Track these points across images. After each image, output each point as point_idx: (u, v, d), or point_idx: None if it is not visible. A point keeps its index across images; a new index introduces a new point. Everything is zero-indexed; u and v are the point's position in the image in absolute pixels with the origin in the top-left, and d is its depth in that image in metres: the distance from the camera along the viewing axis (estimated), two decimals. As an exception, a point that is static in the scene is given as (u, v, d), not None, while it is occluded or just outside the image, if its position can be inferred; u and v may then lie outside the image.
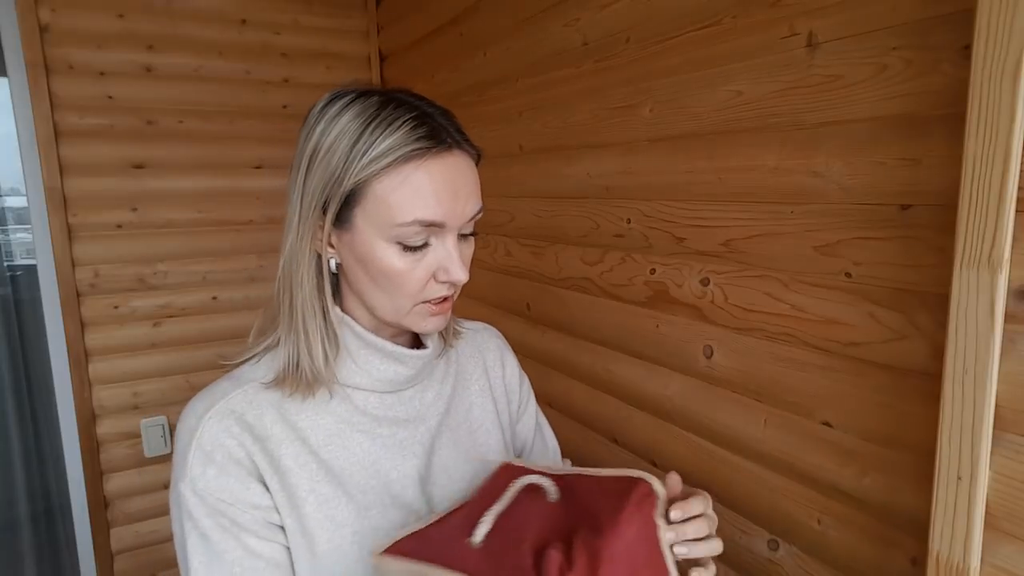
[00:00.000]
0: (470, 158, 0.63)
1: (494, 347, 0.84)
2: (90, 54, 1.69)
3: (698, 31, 0.90)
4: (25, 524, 2.28)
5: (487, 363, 0.82)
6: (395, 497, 0.66)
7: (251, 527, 0.59)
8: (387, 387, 0.68)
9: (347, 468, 0.64)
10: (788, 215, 0.80)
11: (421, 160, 0.58)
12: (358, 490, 0.64)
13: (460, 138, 0.61)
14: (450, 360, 0.77)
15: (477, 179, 0.64)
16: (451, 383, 0.76)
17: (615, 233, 1.11)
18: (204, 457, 0.60)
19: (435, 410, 0.72)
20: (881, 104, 0.68)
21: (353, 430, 0.65)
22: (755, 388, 0.87)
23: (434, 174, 0.59)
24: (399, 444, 0.68)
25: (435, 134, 0.59)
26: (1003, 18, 0.52)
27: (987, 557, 0.58)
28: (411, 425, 0.69)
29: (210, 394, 0.64)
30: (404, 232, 0.59)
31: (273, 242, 1.97)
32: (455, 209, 0.60)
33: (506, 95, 1.39)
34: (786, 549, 0.84)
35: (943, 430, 0.59)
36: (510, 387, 0.84)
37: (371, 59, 2.05)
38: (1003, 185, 0.53)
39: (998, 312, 0.55)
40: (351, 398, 0.66)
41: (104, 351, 1.79)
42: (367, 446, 0.66)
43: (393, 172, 0.58)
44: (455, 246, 0.61)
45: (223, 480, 0.59)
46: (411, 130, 0.58)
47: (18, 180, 1.77)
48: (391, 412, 0.68)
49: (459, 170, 0.61)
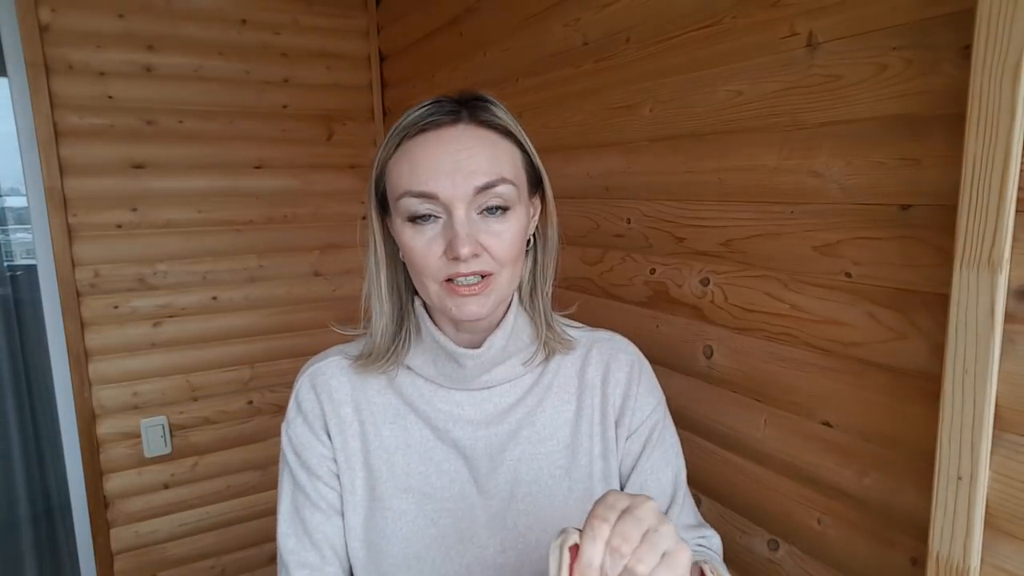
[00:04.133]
0: (486, 131, 0.62)
1: (624, 362, 0.74)
2: (90, 54, 1.69)
3: (698, 31, 0.90)
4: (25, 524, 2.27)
5: (609, 377, 0.73)
6: (436, 489, 0.67)
7: (317, 471, 0.68)
8: (449, 383, 0.69)
9: (399, 447, 0.68)
10: (788, 215, 0.80)
11: (418, 135, 0.61)
12: (401, 471, 0.68)
13: (475, 113, 0.62)
14: (550, 370, 0.72)
15: (493, 151, 0.62)
16: (542, 394, 0.71)
17: (615, 233, 1.11)
18: (296, 408, 0.70)
19: (511, 417, 0.69)
20: (881, 104, 0.68)
21: (411, 414, 0.69)
22: (755, 388, 0.87)
23: (428, 146, 0.60)
24: (454, 441, 0.68)
25: (438, 111, 0.60)
26: (1003, 18, 0.52)
27: (987, 557, 0.58)
28: (475, 426, 0.68)
29: (315, 358, 0.73)
30: (405, 205, 0.61)
31: (273, 242, 1.98)
32: (449, 179, 0.59)
33: (506, 95, 1.39)
34: (786, 549, 0.84)
35: (943, 430, 0.59)
36: (628, 410, 0.73)
37: (371, 59, 2.05)
38: (1003, 185, 0.53)
39: (998, 312, 0.55)
40: (417, 385, 0.70)
41: (104, 351, 1.79)
42: (418, 435, 0.68)
43: (398, 151, 0.62)
44: (461, 220, 0.60)
45: (303, 429, 0.69)
46: (421, 114, 0.61)
47: (18, 180, 1.77)
48: (456, 409, 0.69)
49: (459, 142, 0.60)
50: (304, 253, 2.04)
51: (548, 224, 0.71)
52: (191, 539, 1.95)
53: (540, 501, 0.67)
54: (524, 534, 0.66)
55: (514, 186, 0.62)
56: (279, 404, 2.04)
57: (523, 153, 0.66)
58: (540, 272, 0.72)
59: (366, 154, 2.08)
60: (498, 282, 0.63)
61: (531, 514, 0.67)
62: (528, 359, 0.71)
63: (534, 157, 0.67)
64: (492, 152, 0.62)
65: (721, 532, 0.94)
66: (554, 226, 0.71)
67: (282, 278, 2.01)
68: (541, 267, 0.72)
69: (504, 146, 0.63)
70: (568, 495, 0.68)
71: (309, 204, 2.02)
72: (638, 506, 0.44)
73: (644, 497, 0.45)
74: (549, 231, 0.71)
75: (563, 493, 0.68)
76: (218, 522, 1.98)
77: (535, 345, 0.71)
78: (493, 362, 0.68)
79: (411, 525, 0.66)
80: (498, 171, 0.61)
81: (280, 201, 1.98)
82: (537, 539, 0.66)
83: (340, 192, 2.06)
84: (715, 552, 0.74)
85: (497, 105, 0.64)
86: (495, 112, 0.63)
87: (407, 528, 0.66)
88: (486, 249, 0.61)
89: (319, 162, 2.01)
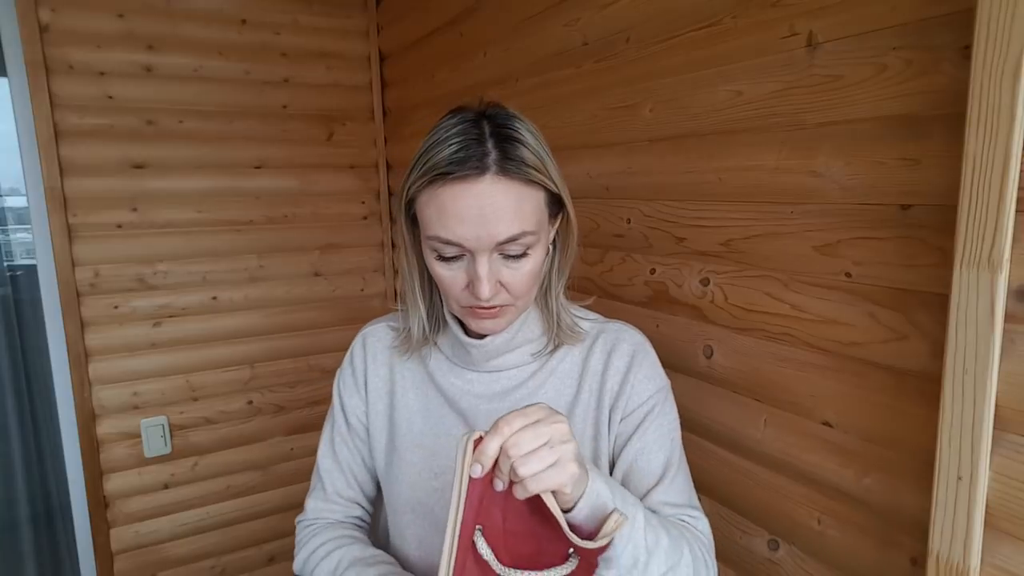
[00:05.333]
0: (511, 182, 0.65)
1: (626, 351, 0.77)
2: (90, 54, 1.69)
3: (698, 31, 0.90)
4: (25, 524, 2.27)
5: (610, 364, 0.77)
6: (443, 448, 0.77)
7: (350, 419, 0.84)
8: (463, 364, 0.79)
9: (419, 410, 0.80)
10: (788, 215, 0.80)
11: (445, 183, 0.64)
12: (417, 430, 0.79)
13: (501, 164, 0.64)
14: (556, 358, 0.78)
15: (517, 205, 0.65)
16: (545, 378, 0.77)
17: (615, 233, 1.11)
18: (349, 360, 0.86)
19: (513, 396, 0.77)
20: (881, 104, 0.68)
21: (431, 385, 0.80)
22: (755, 388, 0.87)
23: (456, 198, 0.64)
24: (461, 410, 0.78)
25: (467, 160, 0.63)
26: (1003, 18, 0.52)
27: (987, 557, 0.58)
28: (480, 400, 0.78)
29: (372, 321, 0.88)
30: (433, 244, 0.68)
31: (273, 242, 1.98)
32: (475, 233, 0.64)
33: (506, 95, 1.39)
34: (786, 549, 0.84)
35: (943, 430, 0.59)
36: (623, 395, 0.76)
37: (371, 59, 2.05)
38: (1003, 185, 0.53)
39: (998, 312, 0.55)
40: (439, 362, 0.81)
41: (104, 351, 1.79)
42: (435, 402, 0.80)
43: (427, 190, 0.66)
44: (484, 265, 0.66)
45: (350, 381, 0.85)
46: (452, 153, 0.63)
47: (18, 180, 1.77)
48: (467, 386, 0.79)
49: (485, 196, 0.64)
50: (304, 253, 2.04)
51: (569, 233, 0.75)
52: (191, 539, 1.95)
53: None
54: None
55: (534, 234, 0.67)
56: (279, 404, 2.04)
57: (546, 192, 0.69)
58: (556, 274, 0.77)
59: (366, 154, 2.08)
60: (513, 309, 0.72)
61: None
62: (537, 350, 0.78)
63: (556, 187, 0.69)
64: (516, 205, 0.65)
65: (721, 532, 0.94)
66: (574, 235, 0.75)
67: (282, 278, 2.01)
68: (558, 270, 0.77)
69: (528, 195, 0.66)
70: None
71: (309, 204, 2.02)
72: (545, 421, 0.52)
73: (558, 416, 0.53)
74: (569, 239, 0.76)
75: None
76: (218, 522, 1.98)
77: (545, 337, 0.78)
78: (497, 352, 0.76)
79: (418, 475, 0.78)
80: (520, 225, 0.65)
81: (280, 201, 1.98)
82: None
83: (340, 192, 2.06)
84: (700, 532, 0.73)
85: (524, 141, 0.66)
86: (523, 155, 0.65)
87: (414, 476, 0.78)
88: (505, 286, 0.69)
89: (319, 162, 2.01)
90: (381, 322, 0.86)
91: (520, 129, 0.67)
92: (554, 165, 0.70)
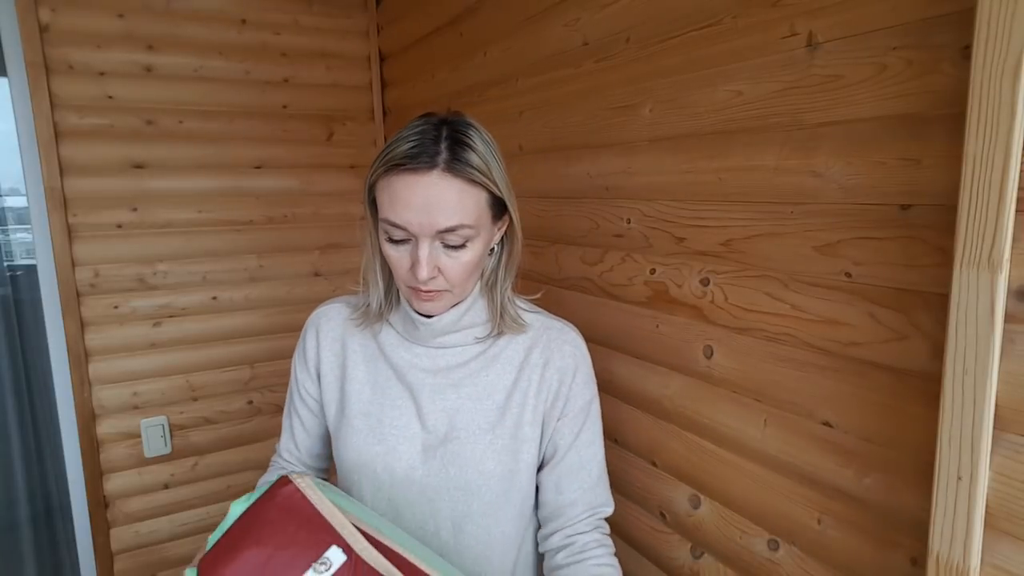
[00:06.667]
0: (456, 179, 0.73)
1: (568, 354, 0.87)
2: (90, 54, 1.69)
3: (698, 31, 0.90)
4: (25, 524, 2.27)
5: (551, 363, 0.86)
6: (388, 417, 0.85)
7: (304, 397, 0.94)
8: (412, 339, 0.87)
9: (367, 382, 0.88)
10: (788, 215, 0.80)
11: (399, 172, 0.73)
12: (366, 399, 0.87)
13: (449, 163, 0.72)
14: (499, 344, 0.87)
15: (459, 200, 0.73)
16: (488, 363, 0.86)
17: (615, 233, 1.11)
18: (302, 346, 0.94)
19: (456, 374, 0.86)
20: (881, 104, 0.68)
21: (381, 359, 0.88)
22: (755, 388, 0.87)
23: (406, 186, 0.73)
24: (408, 383, 0.86)
25: (420, 155, 0.72)
26: (1003, 18, 0.52)
27: (987, 557, 0.58)
28: (426, 374, 0.86)
29: (324, 302, 0.96)
30: (384, 227, 0.77)
31: (273, 242, 1.98)
32: (418, 219, 0.73)
33: (506, 95, 1.39)
34: (786, 549, 0.84)
35: (943, 430, 0.59)
36: (562, 396, 0.87)
37: (371, 59, 2.05)
38: (1003, 185, 0.53)
39: (998, 312, 0.55)
40: (390, 337, 0.89)
41: (104, 351, 1.79)
42: (384, 375, 0.87)
43: (384, 177, 0.75)
44: (424, 249, 0.74)
45: (301, 364, 0.94)
46: (409, 148, 0.72)
47: (18, 180, 1.77)
48: (415, 360, 0.87)
49: (432, 187, 0.72)
50: (304, 253, 2.04)
51: (514, 236, 0.85)
52: (191, 539, 1.95)
53: (465, 444, 0.83)
54: (446, 466, 0.83)
55: (472, 228, 0.75)
56: (279, 404, 2.04)
57: (488, 193, 0.77)
58: (502, 271, 0.86)
59: (366, 154, 2.08)
60: (449, 296, 0.81)
61: (456, 453, 0.83)
62: (482, 335, 0.87)
63: (500, 191, 0.78)
64: (458, 199, 0.73)
65: (721, 532, 0.94)
66: (519, 239, 0.85)
67: (282, 278, 2.01)
68: (504, 267, 0.86)
69: (470, 192, 0.74)
70: (488, 446, 0.83)
71: (309, 204, 2.02)
72: None
73: None
74: (515, 241, 0.85)
75: (484, 443, 0.83)
76: (218, 522, 1.98)
77: (490, 324, 0.87)
78: (444, 330, 0.85)
79: (363, 440, 0.86)
80: (459, 218, 0.74)
81: (280, 201, 1.98)
82: (456, 472, 0.82)
83: (340, 192, 2.06)
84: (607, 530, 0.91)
85: (474, 146, 0.74)
86: (469, 158, 0.74)
87: (360, 441, 0.86)
88: (442, 271, 0.77)
89: (319, 162, 2.01)
90: (334, 302, 0.94)
91: (473, 136, 0.75)
92: (500, 172, 0.78)
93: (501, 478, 0.83)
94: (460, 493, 0.83)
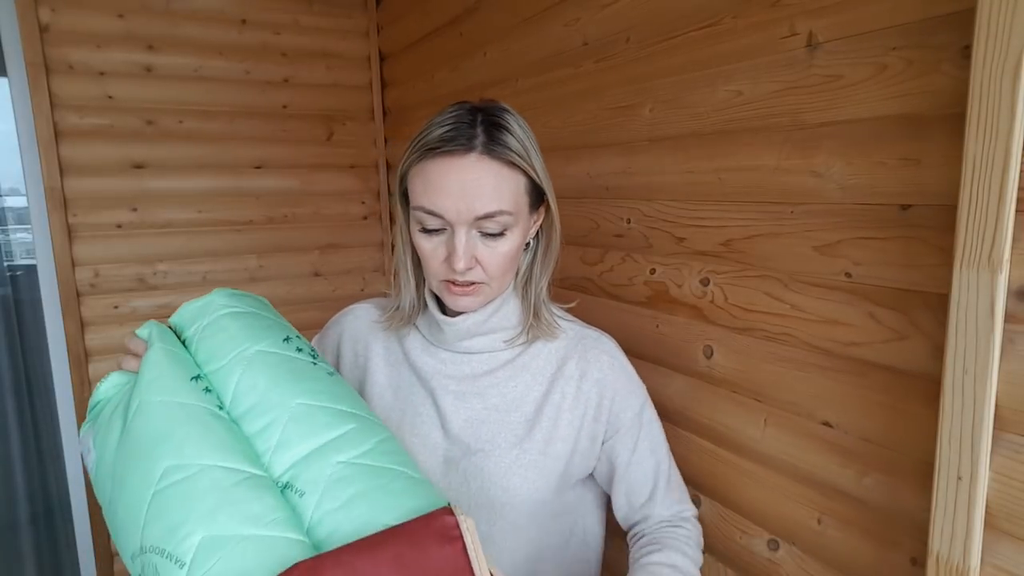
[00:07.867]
0: (494, 162, 0.69)
1: (606, 364, 0.81)
2: (90, 54, 1.69)
3: (698, 31, 0.90)
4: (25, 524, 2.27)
5: (587, 375, 0.80)
6: (409, 423, 0.80)
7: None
8: (437, 342, 0.82)
9: (389, 386, 0.84)
10: (788, 215, 0.80)
11: (434, 156, 0.69)
12: (388, 404, 0.82)
13: (487, 146, 0.68)
14: (529, 353, 0.81)
15: (497, 184, 0.69)
16: (517, 371, 0.80)
17: (615, 233, 1.11)
18: (323, 334, 0.94)
19: (483, 381, 0.79)
20: (881, 104, 0.68)
21: (405, 363, 0.83)
22: (755, 388, 0.87)
23: (442, 171, 0.68)
24: (431, 389, 0.80)
25: (456, 138, 0.68)
26: (1003, 18, 0.52)
27: (987, 557, 0.58)
28: (451, 380, 0.80)
29: (356, 303, 0.93)
30: (418, 216, 0.72)
31: (273, 242, 1.98)
32: (455, 205, 0.68)
33: (506, 95, 1.39)
34: (786, 549, 0.84)
35: (943, 430, 0.59)
36: (605, 410, 0.81)
37: (371, 59, 2.05)
38: (1003, 185, 0.53)
39: (998, 312, 0.55)
40: (416, 340, 0.83)
41: (104, 351, 1.79)
42: (407, 380, 0.82)
43: (417, 164, 0.71)
44: (461, 237, 0.70)
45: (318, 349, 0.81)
46: (443, 132, 0.68)
47: (18, 180, 1.77)
48: (440, 365, 0.81)
49: (469, 171, 0.68)
50: (304, 253, 2.04)
51: (552, 229, 0.79)
52: (191, 539, 1.95)
53: (489, 458, 0.77)
54: (468, 480, 0.77)
55: (511, 215, 0.71)
56: (279, 404, 2.03)
57: (527, 179, 0.73)
58: (538, 267, 0.80)
59: (366, 154, 2.08)
60: (487, 289, 0.75)
61: (479, 467, 0.77)
62: (510, 338, 0.80)
63: (538, 178, 0.73)
64: (496, 183, 0.69)
65: (721, 532, 0.94)
66: (557, 232, 0.80)
67: (282, 278, 2.01)
68: (540, 264, 0.81)
69: (509, 177, 0.70)
70: (514, 461, 0.77)
71: (309, 204, 2.02)
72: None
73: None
74: (553, 235, 0.80)
75: (510, 458, 0.77)
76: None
77: (520, 328, 0.80)
78: (469, 332, 0.79)
79: None
80: (498, 203, 0.69)
81: (280, 201, 1.98)
82: (478, 487, 0.76)
83: (340, 192, 2.06)
84: (692, 529, 0.84)
85: (511, 130, 0.70)
86: (507, 141, 0.69)
87: None
88: (480, 262, 0.72)
89: (319, 162, 2.01)
90: (365, 303, 0.91)
91: (509, 120, 0.71)
92: (539, 158, 0.74)
93: (527, 497, 0.76)
94: (482, 511, 0.76)
